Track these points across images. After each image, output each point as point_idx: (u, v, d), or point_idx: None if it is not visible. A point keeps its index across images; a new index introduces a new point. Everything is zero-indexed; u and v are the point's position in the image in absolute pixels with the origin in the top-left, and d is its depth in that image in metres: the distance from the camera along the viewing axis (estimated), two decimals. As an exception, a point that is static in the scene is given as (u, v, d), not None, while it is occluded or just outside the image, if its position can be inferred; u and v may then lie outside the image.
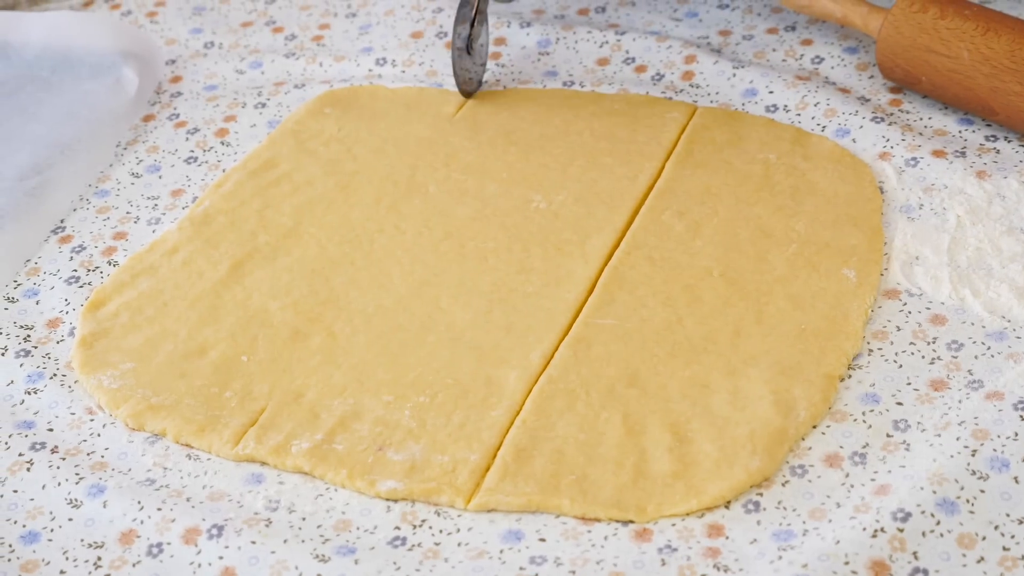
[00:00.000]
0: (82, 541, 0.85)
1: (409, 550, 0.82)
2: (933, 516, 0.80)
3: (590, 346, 0.92)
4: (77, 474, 0.88)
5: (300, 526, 0.84)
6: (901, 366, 0.90)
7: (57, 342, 0.98)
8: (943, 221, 0.99)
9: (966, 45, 1.05)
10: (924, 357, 0.90)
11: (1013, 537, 0.79)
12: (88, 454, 0.90)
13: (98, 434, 0.92)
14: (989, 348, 0.90)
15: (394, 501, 0.85)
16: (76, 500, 0.87)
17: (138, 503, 0.86)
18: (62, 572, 0.83)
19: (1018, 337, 0.91)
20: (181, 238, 1.04)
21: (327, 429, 0.89)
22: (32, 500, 0.88)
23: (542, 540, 0.82)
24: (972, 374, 0.89)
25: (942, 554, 0.78)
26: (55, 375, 0.96)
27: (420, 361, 0.93)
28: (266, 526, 0.84)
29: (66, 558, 0.84)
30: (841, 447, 0.85)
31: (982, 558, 0.78)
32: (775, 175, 1.05)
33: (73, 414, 0.93)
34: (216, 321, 0.97)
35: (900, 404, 0.87)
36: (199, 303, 0.99)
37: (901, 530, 0.79)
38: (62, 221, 1.09)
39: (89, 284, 1.03)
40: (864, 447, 0.85)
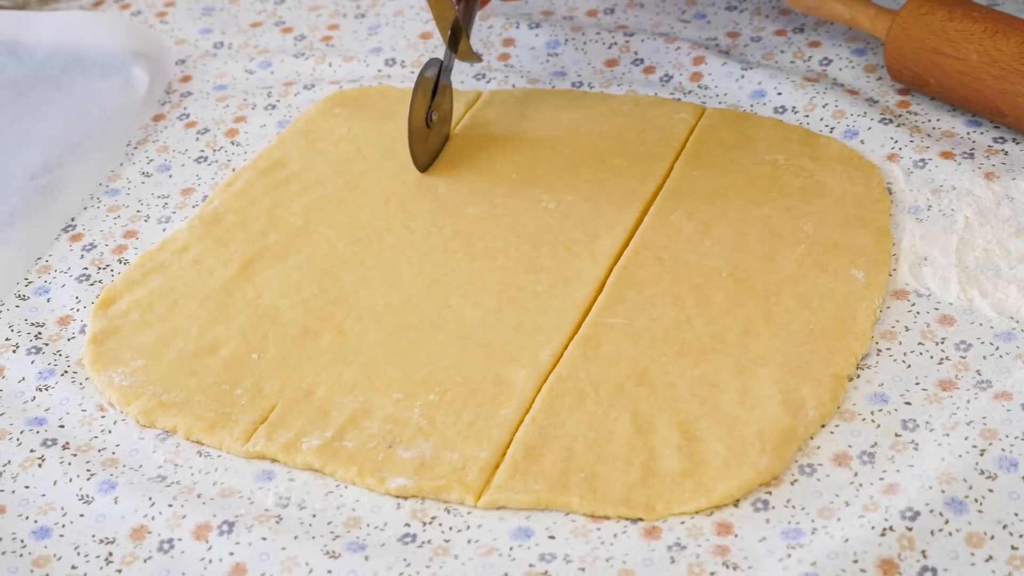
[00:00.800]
0: (93, 537, 0.85)
1: (419, 547, 0.83)
2: (942, 515, 0.80)
3: (599, 345, 0.93)
4: (88, 470, 0.89)
5: (310, 523, 0.85)
6: (910, 366, 0.90)
7: (68, 339, 0.99)
8: (951, 222, 1.00)
9: (974, 47, 1.05)
10: (932, 357, 0.91)
11: (1022, 536, 0.79)
12: (99, 451, 0.91)
13: (109, 431, 0.92)
14: (997, 348, 0.90)
15: (404, 498, 0.86)
16: (87, 496, 0.87)
17: (149, 499, 0.86)
18: (73, 567, 0.84)
19: (1026, 338, 0.91)
20: (191, 237, 1.05)
21: (337, 426, 0.89)
22: (43, 496, 0.88)
23: (551, 537, 0.82)
24: (980, 374, 0.89)
25: (951, 553, 0.79)
26: (66, 372, 0.96)
27: (430, 359, 0.93)
28: (276, 523, 0.84)
29: (77, 553, 0.84)
30: (850, 446, 0.86)
31: (991, 557, 0.78)
32: (783, 176, 1.05)
33: (84, 411, 0.93)
34: (226, 319, 0.98)
35: (909, 404, 0.88)
36: (209, 301, 0.99)
37: (910, 529, 0.79)
38: (73, 219, 1.10)
39: (100, 282, 1.03)
40: (873, 446, 0.85)
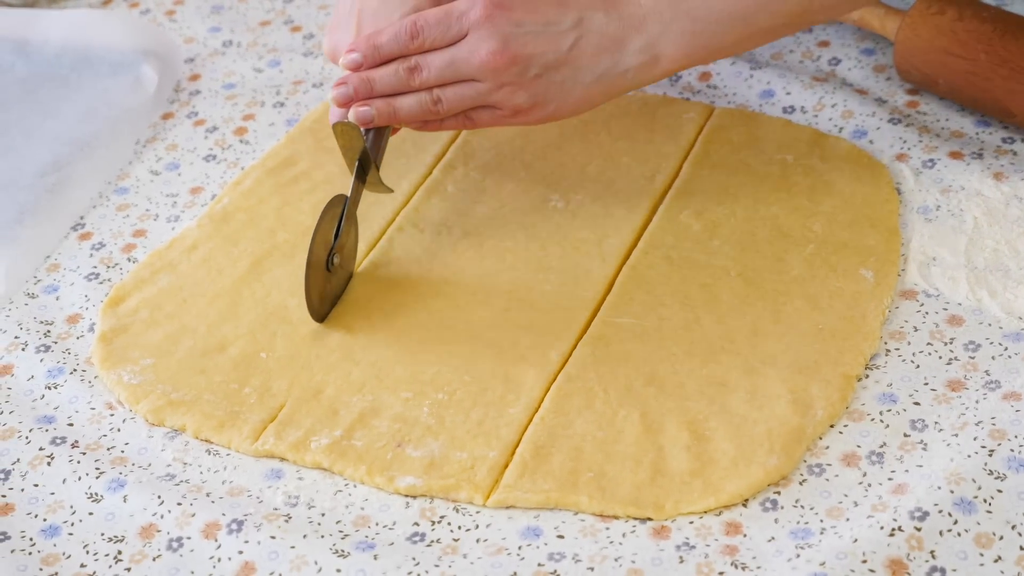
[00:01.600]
0: (102, 535, 0.85)
1: (428, 546, 0.83)
2: (950, 515, 0.80)
3: (608, 344, 0.93)
4: (97, 468, 0.89)
5: (319, 522, 0.85)
6: (918, 366, 0.90)
7: (77, 338, 0.99)
8: (960, 222, 1.00)
9: (983, 47, 1.05)
10: (941, 357, 0.91)
11: (1030, 537, 0.79)
12: (108, 449, 0.91)
13: (118, 429, 0.92)
14: (1006, 349, 0.90)
15: (413, 497, 0.86)
16: (96, 494, 0.87)
17: (158, 498, 0.87)
18: (83, 566, 0.84)
19: (1035, 338, 0.91)
20: (200, 235, 1.05)
21: (346, 425, 0.89)
22: (52, 494, 0.88)
23: (560, 537, 0.82)
24: (989, 374, 0.89)
25: (959, 553, 0.79)
26: (75, 370, 0.96)
27: (438, 358, 0.93)
28: (285, 521, 0.85)
29: (86, 552, 0.84)
30: (858, 446, 0.86)
31: (999, 557, 0.78)
32: (792, 176, 1.05)
33: (93, 409, 0.94)
34: (235, 318, 0.98)
35: (917, 404, 0.88)
36: (218, 300, 0.99)
37: (919, 529, 0.79)
38: (82, 218, 1.10)
39: (109, 280, 1.03)
40: (881, 446, 0.85)
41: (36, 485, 0.89)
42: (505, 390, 0.91)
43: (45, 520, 0.87)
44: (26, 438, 0.92)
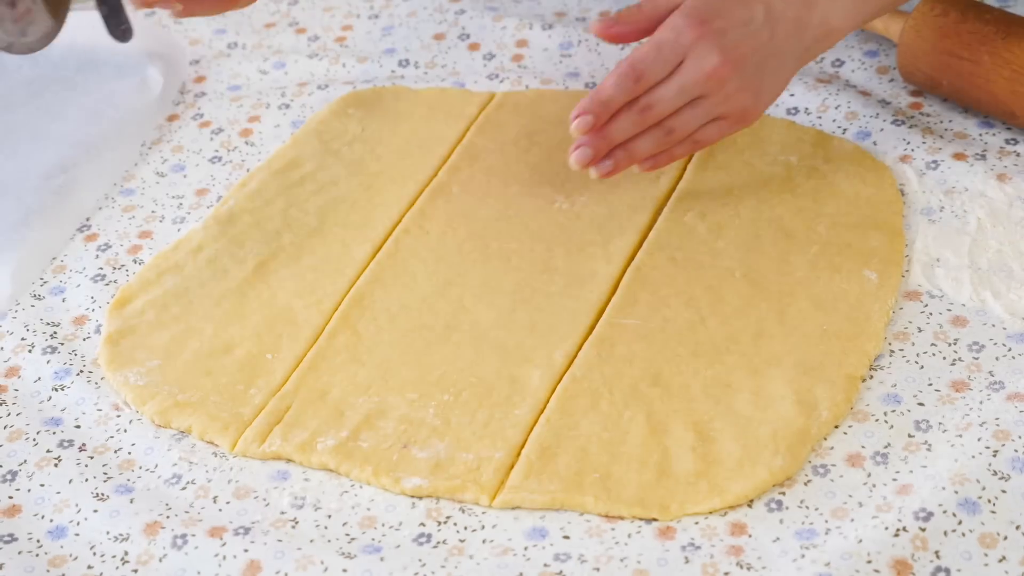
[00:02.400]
0: (107, 534, 0.85)
1: (434, 547, 0.83)
2: (955, 516, 0.80)
3: (613, 346, 0.93)
4: (105, 472, 0.89)
5: (326, 523, 0.85)
6: (923, 367, 0.90)
7: (83, 339, 0.99)
8: (964, 224, 1.00)
9: (987, 49, 1.05)
10: (945, 358, 0.91)
11: (1035, 537, 0.80)
12: (115, 451, 0.91)
13: (124, 430, 0.92)
14: (1010, 350, 0.91)
15: (419, 498, 0.86)
16: (103, 494, 0.88)
17: (164, 499, 0.87)
18: (89, 567, 0.84)
19: (1039, 339, 0.91)
20: (206, 237, 1.05)
21: (352, 427, 0.90)
22: (59, 493, 0.88)
23: (566, 537, 0.83)
24: (993, 375, 0.89)
25: (964, 553, 0.79)
26: (81, 372, 0.97)
27: (444, 360, 0.93)
28: (292, 526, 0.85)
29: (93, 553, 0.85)
30: (863, 447, 0.86)
31: (1004, 557, 0.79)
32: (796, 177, 1.05)
33: (100, 411, 0.94)
34: (241, 319, 0.98)
35: (922, 405, 0.88)
36: (224, 301, 1.00)
37: (923, 529, 0.80)
38: (88, 219, 1.10)
39: (115, 282, 1.04)
40: (886, 447, 0.86)
41: (43, 485, 0.89)
42: (511, 391, 0.91)
43: (52, 521, 0.87)
44: (33, 440, 0.92)
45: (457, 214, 1.05)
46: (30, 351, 0.98)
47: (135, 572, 0.83)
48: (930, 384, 0.89)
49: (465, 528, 0.84)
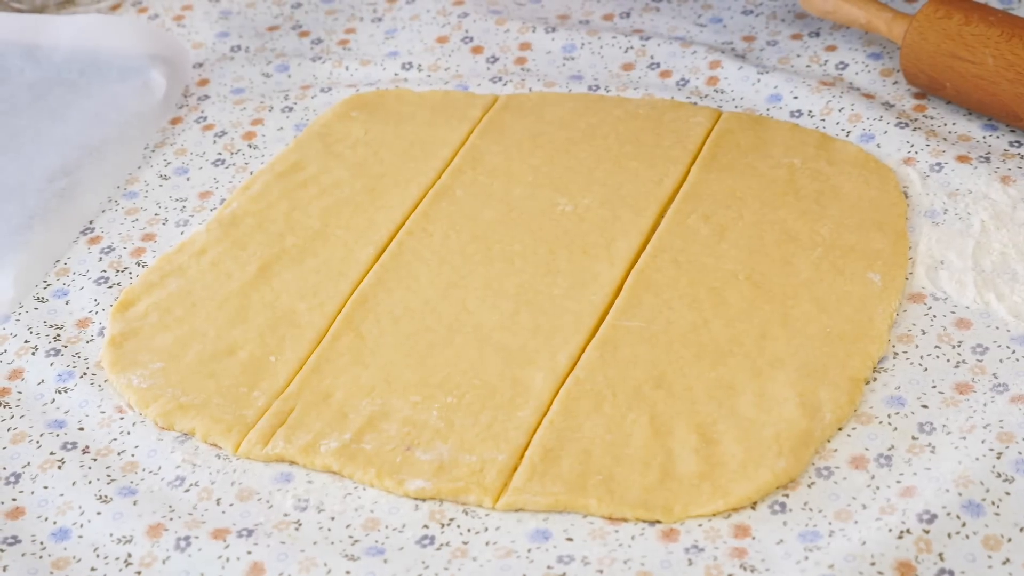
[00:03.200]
0: (111, 536, 0.86)
1: (437, 549, 0.83)
2: (959, 518, 0.80)
3: (616, 348, 0.93)
4: (108, 474, 0.89)
5: (329, 525, 0.85)
6: (926, 369, 0.90)
7: (87, 342, 0.99)
8: (968, 226, 1.00)
9: (991, 51, 1.05)
10: (949, 360, 0.91)
11: (1039, 539, 0.80)
12: (118, 453, 0.91)
13: (128, 432, 0.92)
14: (1014, 352, 0.91)
15: (422, 500, 0.86)
16: (106, 497, 0.88)
17: (167, 501, 0.87)
18: (93, 569, 0.84)
19: (1043, 341, 0.91)
20: (209, 239, 1.05)
21: (355, 429, 0.90)
22: (62, 495, 0.88)
23: (569, 540, 0.83)
24: (997, 377, 0.89)
25: (967, 555, 0.79)
26: (85, 374, 0.97)
27: (447, 362, 0.93)
28: (296, 529, 0.85)
29: (96, 555, 0.85)
30: (867, 449, 0.86)
31: (1008, 560, 0.79)
32: (800, 179, 1.05)
33: (103, 413, 0.94)
34: (244, 322, 0.98)
35: (925, 407, 0.88)
36: (227, 304, 1.00)
37: (927, 531, 0.80)
38: (91, 222, 1.10)
39: (118, 284, 1.04)
40: (890, 449, 0.86)
41: (46, 487, 0.89)
42: (514, 393, 0.91)
43: (55, 523, 0.87)
44: (36, 442, 0.92)
45: (460, 216, 1.05)
46: (33, 354, 0.98)
47: (138, 574, 0.83)
48: (934, 386, 0.89)
49: (468, 530, 0.84)
